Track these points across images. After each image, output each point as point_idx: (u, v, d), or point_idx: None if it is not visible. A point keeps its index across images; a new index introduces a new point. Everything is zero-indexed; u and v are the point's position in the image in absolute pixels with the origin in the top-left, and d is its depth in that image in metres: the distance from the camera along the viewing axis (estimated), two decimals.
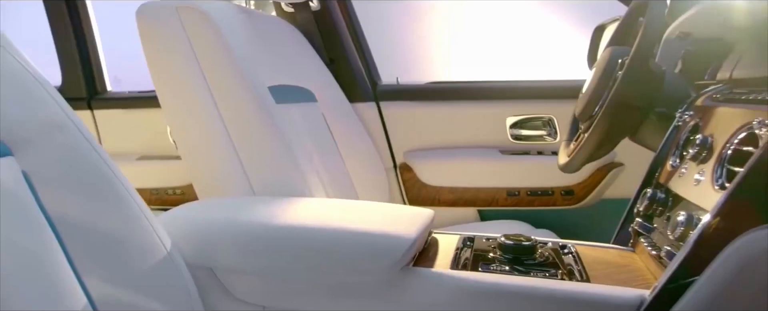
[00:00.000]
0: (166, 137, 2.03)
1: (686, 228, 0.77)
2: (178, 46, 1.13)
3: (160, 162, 2.02)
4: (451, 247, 0.93)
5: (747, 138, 0.74)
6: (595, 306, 0.76)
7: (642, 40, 0.99)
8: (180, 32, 1.13)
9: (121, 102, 2.11)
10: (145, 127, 2.07)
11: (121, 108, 2.11)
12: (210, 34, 1.13)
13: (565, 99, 1.68)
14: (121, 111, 2.11)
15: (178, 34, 1.13)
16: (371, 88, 1.79)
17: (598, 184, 1.70)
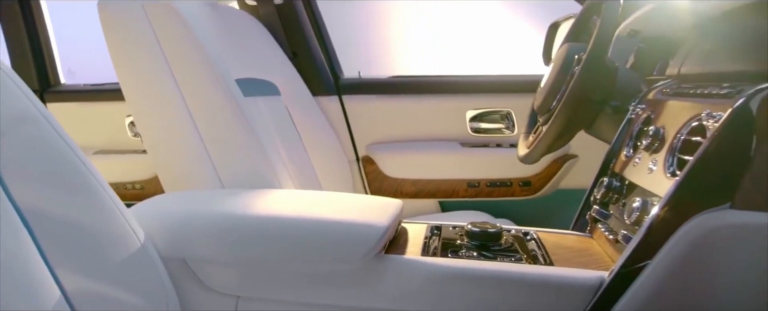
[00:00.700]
0: (124, 131, 1.99)
1: (641, 214, 0.82)
2: (143, 39, 1.13)
3: (119, 157, 1.99)
4: (420, 236, 0.96)
5: (696, 129, 0.79)
6: (558, 288, 0.80)
7: (598, 37, 1.04)
8: (145, 24, 1.12)
9: (76, 95, 2.06)
10: (102, 121, 2.03)
11: (75, 101, 2.06)
12: (176, 27, 1.12)
13: (522, 93, 1.74)
14: (76, 104, 2.06)
15: (143, 26, 1.12)
16: (334, 81, 1.81)
17: (554, 175, 1.77)
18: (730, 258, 0.73)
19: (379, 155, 1.81)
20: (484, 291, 0.82)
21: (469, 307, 0.83)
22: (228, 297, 0.90)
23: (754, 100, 0.69)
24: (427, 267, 0.83)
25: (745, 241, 0.70)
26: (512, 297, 0.81)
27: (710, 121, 0.75)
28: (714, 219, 0.71)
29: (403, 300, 0.84)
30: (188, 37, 1.11)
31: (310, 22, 1.77)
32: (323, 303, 0.88)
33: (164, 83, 1.14)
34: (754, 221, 0.68)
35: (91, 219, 0.75)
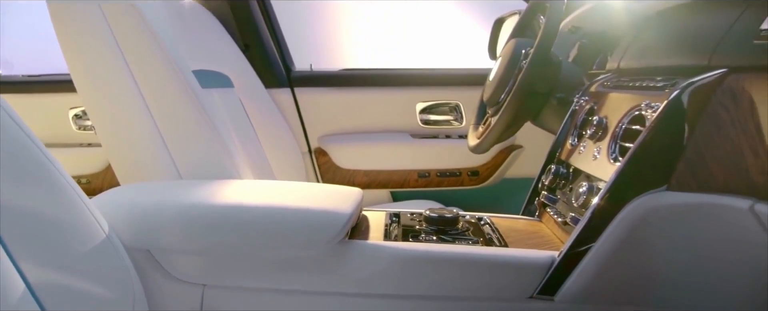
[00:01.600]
0: (67, 124, 1.94)
1: (588, 197, 0.89)
2: (96, 30, 1.11)
3: (63, 151, 1.93)
4: (380, 223, 1.00)
5: (635, 118, 0.86)
6: (513, 268, 0.86)
7: (544, 34, 1.10)
8: (99, 17, 1.10)
9: (14, 86, 1.99)
10: (43, 114, 1.96)
11: (13, 93, 1.98)
12: (131, 17, 1.11)
13: (470, 86, 1.80)
14: (14, 96, 1.98)
15: (97, 18, 1.10)
16: (286, 74, 1.82)
17: (501, 165, 1.84)
18: (667, 236, 0.80)
19: (332, 147, 1.84)
20: (445, 273, 0.86)
21: (431, 288, 0.87)
22: (194, 286, 0.91)
23: (686, 92, 0.77)
24: (390, 251, 0.87)
25: (680, 220, 0.77)
26: (471, 277, 0.86)
27: (649, 111, 0.82)
28: (653, 200, 0.78)
29: (367, 283, 0.88)
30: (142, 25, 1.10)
31: (262, 14, 1.77)
32: (290, 288, 0.90)
33: (118, 73, 1.12)
34: (688, 201, 0.75)
35: (55, 210, 0.75)
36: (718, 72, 0.74)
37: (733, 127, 0.69)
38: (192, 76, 1.17)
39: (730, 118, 0.70)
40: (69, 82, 1.15)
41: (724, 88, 0.72)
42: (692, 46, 0.86)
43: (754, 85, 0.67)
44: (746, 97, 0.67)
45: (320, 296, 0.90)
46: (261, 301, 0.91)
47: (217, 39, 1.61)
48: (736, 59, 0.73)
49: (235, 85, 1.55)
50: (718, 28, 0.79)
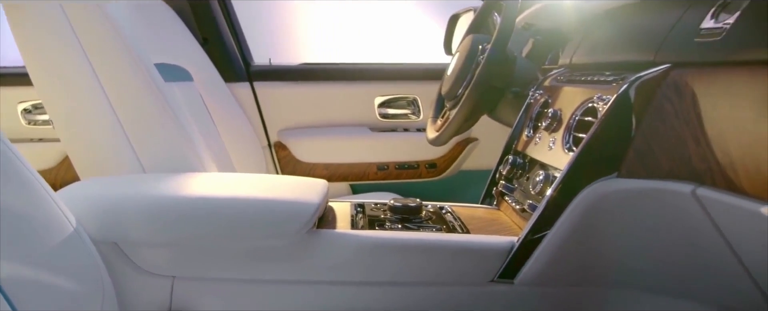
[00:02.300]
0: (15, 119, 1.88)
1: (544, 185, 0.94)
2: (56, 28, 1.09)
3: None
4: (346, 213, 1.03)
5: (588, 110, 0.92)
6: (475, 253, 0.90)
7: (500, 31, 1.15)
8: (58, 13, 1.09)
9: None
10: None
11: None
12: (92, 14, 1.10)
13: (427, 80, 1.85)
14: None
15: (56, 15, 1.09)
16: (245, 68, 1.82)
17: (458, 157, 1.90)
18: (618, 220, 0.86)
19: (291, 141, 1.85)
20: (411, 259, 0.90)
21: (398, 274, 0.91)
22: (163, 278, 0.92)
23: (634, 86, 0.82)
24: (357, 239, 0.90)
25: (629, 205, 0.83)
26: (436, 262, 0.90)
27: (600, 104, 0.88)
28: (604, 186, 0.83)
29: (336, 270, 0.91)
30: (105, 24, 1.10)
31: (220, 8, 1.77)
32: (259, 278, 0.92)
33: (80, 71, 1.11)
34: (636, 187, 0.80)
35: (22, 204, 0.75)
36: (662, 67, 0.79)
37: (677, 118, 0.75)
38: (154, 69, 1.17)
39: (674, 110, 0.75)
40: (16, 75, 1.14)
41: (668, 82, 0.78)
42: (639, 43, 0.92)
43: (696, 80, 0.72)
44: (688, 90, 0.73)
45: (289, 285, 0.92)
46: (230, 291, 0.92)
47: (175, 33, 1.60)
48: (679, 55, 0.79)
49: (195, 79, 1.55)
50: (662, 27, 0.85)
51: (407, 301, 0.92)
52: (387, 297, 0.92)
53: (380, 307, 0.92)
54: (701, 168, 0.71)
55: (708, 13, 0.75)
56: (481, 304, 0.93)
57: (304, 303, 0.92)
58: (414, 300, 0.92)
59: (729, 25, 0.69)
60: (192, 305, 0.92)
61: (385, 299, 0.92)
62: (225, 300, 0.92)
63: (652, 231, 0.83)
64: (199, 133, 1.40)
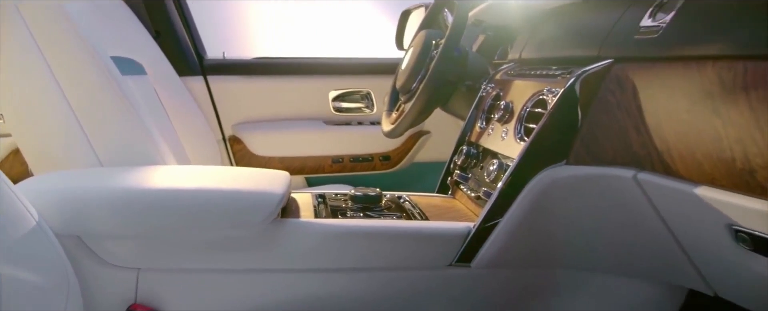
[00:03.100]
0: None
1: (498, 173, 0.99)
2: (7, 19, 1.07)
3: None
4: (309, 203, 1.06)
5: (538, 102, 0.97)
6: (434, 238, 0.95)
7: (454, 26, 1.20)
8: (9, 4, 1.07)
9: None
10: None
11: None
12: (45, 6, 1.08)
13: (380, 75, 1.89)
14: None
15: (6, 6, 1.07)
16: (198, 61, 1.81)
17: (411, 150, 1.95)
18: (567, 205, 0.92)
19: (246, 134, 1.86)
20: (375, 245, 0.94)
21: (362, 260, 0.95)
22: (128, 270, 0.92)
23: (579, 80, 0.88)
24: (321, 227, 0.93)
25: (577, 190, 0.89)
26: (399, 248, 0.94)
27: (550, 96, 0.94)
28: (554, 173, 0.89)
29: (302, 258, 0.93)
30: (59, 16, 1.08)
31: (172, 1, 1.75)
32: (225, 267, 0.94)
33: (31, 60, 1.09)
34: (583, 173, 0.86)
35: None
36: (605, 62, 0.86)
37: (619, 109, 0.81)
38: (111, 62, 1.16)
39: (617, 102, 0.82)
40: None
41: (611, 76, 0.84)
42: (583, 39, 0.99)
43: (636, 74, 0.78)
44: (630, 83, 0.79)
45: (256, 273, 0.94)
46: (197, 281, 0.94)
47: (127, 26, 1.58)
48: (621, 51, 0.85)
49: (148, 73, 1.53)
50: (605, 25, 0.91)
51: (371, 286, 0.95)
52: (351, 283, 0.95)
53: (345, 293, 0.95)
54: (641, 154, 0.77)
55: (646, 12, 0.81)
56: (440, 287, 0.98)
57: (270, 291, 0.94)
58: (377, 285, 0.96)
59: (665, 23, 0.75)
60: (158, 296, 0.93)
61: (350, 284, 0.95)
62: (191, 291, 0.93)
63: (598, 214, 0.90)
64: (155, 127, 1.39)
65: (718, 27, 0.68)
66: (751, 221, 0.64)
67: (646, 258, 0.93)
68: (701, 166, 0.67)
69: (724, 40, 0.66)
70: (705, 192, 0.68)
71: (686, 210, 0.74)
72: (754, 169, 0.60)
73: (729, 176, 0.64)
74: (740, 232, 0.67)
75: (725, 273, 0.81)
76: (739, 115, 0.61)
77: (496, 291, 1.01)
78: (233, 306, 0.94)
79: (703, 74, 0.66)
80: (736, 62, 0.62)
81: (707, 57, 0.66)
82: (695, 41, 0.71)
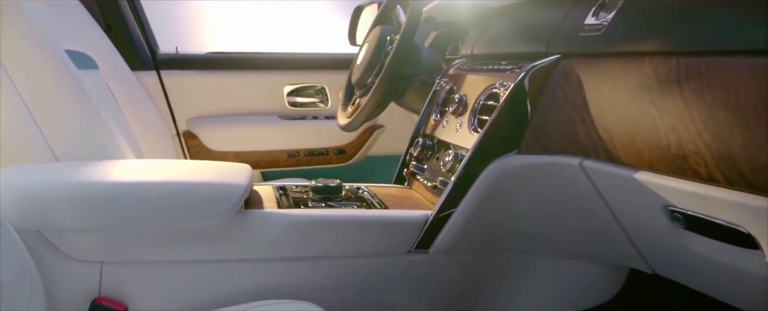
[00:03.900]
0: None
1: (454, 163, 1.04)
2: None
3: None
4: (271, 195, 1.08)
5: (491, 95, 1.03)
6: (394, 226, 0.99)
7: (408, 22, 1.24)
8: None
9: None
10: None
11: None
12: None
13: (334, 70, 1.92)
14: None
15: None
16: (151, 56, 1.79)
17: (365, 143, 1.99)
18: (518, 192, 0.97)
19: (201, 129, 1.85)
20: (337, 234, 0.97)
21: (325, 249, 0.98)
22: (92, 264, 0.92)
23: (529, 74, 0.94)
24: (285, 217, 0.96)
25: (528, 177, 0.95)
26: (360, 236, 0.98)
27: (501, 89, 0.99)
28: (506, 162, 0.95)
29: (266, 248, 0.96)
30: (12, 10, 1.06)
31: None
32: (190, 259, 0.95)
33: None
34: (533, 162, 0.92)
35: None
36: (553, 58, 0.91)
37: (566, 102, 0.87)
38: (65, 56, 1.15)
39: (564, 94, 0.87)
40: None
41: (558, 70, 0.90)
42: (532, 36, 1.04)
43: (582, 68, 0.84)
44: (575, 77, 0.85)
45: (220, 264, 0.96)
46: (162, 273, 0.95)
47: (77, 19, 1.55)
48: (567, 47, 0.91)
49: (100, 67, 1.51)
50: (552, 23, 0.97)
51: (333, 273, 0.99)
52: (315, 271, 0.98)
53: (308, 280, 0.98)
54: (587, 143, 0.83)
55: (590, 11, 0.87)
56: (400, 273, 1.02)
57: (234, 280, 0.96)
58: (340, 272, 0.99)
59: (607, 22, 0.82)
60: (122, 289, 0.93)
61: (313, 272, 0.98)
62: (156, 283, 0.94)
63: (547, 200, 0.96)
64: (110, 122, 1.37)
65: (655, 25, 0.74)
66: (685, 202, 0.71)
67: (591, 240, 0.99)
68: (640, 153, 0.74)
69: (660, 37, 0.72)
70: (644, 176, 0.74)
71: (627, 194, 0.80)
72: (686, 155, 0.67)
73: (665, 161, 0.70)
74: (675, 212, 0.73)
75: (662, 252, 0.88)
76: (674, 106, 0.67)
77: (453, 275, 1.06)
78: (198, 296, 0.95)
79: (642, 69, 0.72)
80: (670, 58, 0.68)
81: (645, 53, 0.73)
82: (634, 38, 0.77)
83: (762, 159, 0.58)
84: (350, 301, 1.00)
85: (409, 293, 1.04)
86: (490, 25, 1.28)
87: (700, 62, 0.64)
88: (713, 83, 0.62)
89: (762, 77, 0.57)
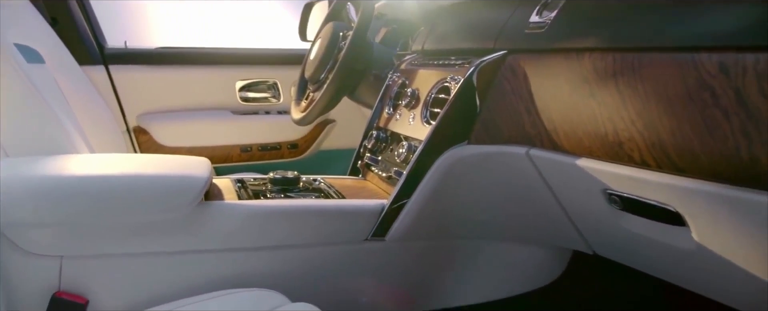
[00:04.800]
0: None
1: (408, 154, 1.09)
2: None
3: None
4: (230, 188, 1.10)
5: (442, 89, 1.08)
6: (352, 215, 1.03)
7: (361, 18, 1.28)
8: None
9: None
10: None
11: None
12: None
13: (286, 65, 1.94)
14: None
15: None
16: (99, 50, 1.76)
17: (317, 138, 2.01)
18: (469, 181, 1.03)
19: (152, 125, 1.84)
20: (297, 223, 1.00)
21: (285, 238, 1.01)
22: (51, 259, 0.92)
23: (478, 68, 0.99)
24: (246, 208, 0.98)
25: (478, 167, 1.00)
26: (320, 224, 1.01)
27: (452, 83, 1.04)
28: (458, 152, 1.00)
29: (227, 239, 0.98)
30: None
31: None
32: (151, 251, 0.96)
33: None
34: (483, 151, 0.98)
35: None
36: (500, 53, 0.97)
37: (513, 94, 0.93)
38: (15, 49, 1.13)
39: (511, 88, 0.93)
40: None
41: (505, 65, 0.95)
42: (481, 33, 1.10)
43: (527, 63, 0.90)
44: (521, 71, 0.91)
45: (182, 255, 0.97)
46: (123, 266, 0.95)
47: (22, 12, 1.51)
48: (513, 44, 0.96)
49: (47, 62, 1.48)
50: (499, 20, 1.03)
51: (294, 262, 1.02)
52: (275, 260, 1.01)
53: (269, 269, 1.01)
54: (532, 133, 0.89)
55: (534, 9, 0.93)
56: (358, 260, 1.06)
57: (196, 271, 0.98)
58: (300, 261, 1.02)
59: (550, 20, 0.88)
60: (83, 283, 0.93)
61: (274, 261, 1.01)
62: (117, 276, 0.95)
63: (496, 188, 1.02)
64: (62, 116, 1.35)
65: (593, 24, 0.81)
66: (621, 185, 0.77)
67: (538, 225, 1.06)
68: (581, 141, 0.80)
69: (598, 35, 0.78)
70: (584, 163, 0.80)
71: (569, 179, 0.87)
72: (622, 142, 0.73)
73: (603, 148, 0.77)
74: (613, 195, 0.80)
75: (601, 233, 0.95)
76: (610, 97, 0.74)
77: (408, 261, 1.11)
78: (160, 288, 0.96)
79: (582, 63, 0.78)
80: (607, 53, 0.74)
81: (584, 49, 0.79)
82: (574, 36, 0.83)
83: (687, 144, 0.65)
84: (311, 288, 1.03)
85: (367, 279, 1.08)
86: (439, 22, 1.33)
87: (634, 58, 0.70)
88: (645, 77, 0.69)
89: (686, 71, 0.64)
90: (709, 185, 0.65)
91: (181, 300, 0.91)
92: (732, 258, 0.71)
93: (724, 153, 0.61)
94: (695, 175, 0.66)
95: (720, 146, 0.62)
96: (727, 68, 0.59)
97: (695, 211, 0.70)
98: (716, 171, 0.63)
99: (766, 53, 0.56)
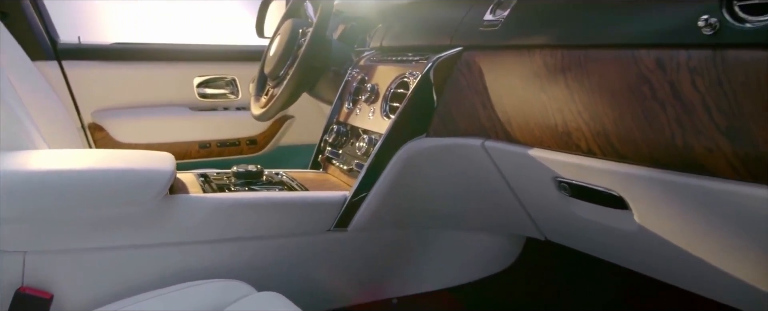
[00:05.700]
0: None
1: (368, 147, 1.12)
2: None
3: None
4: (193, 182, 1.11)
5: (401, 84, 1.12)
6: (315, 207, 1.06)
7: (321, 15, 1.30)
8: None
9: None
10: None
11: None
12: None
13: (244, 61, 1.94)
14: None
15: None
16: (52, 46, 1.73)
17: (276, 133, 2.03)
18: (427, 172, 1.07)
19: (108, 122, 1.81)
20: (261, 215, 1.02)
21: (250, 230, 1.03)
22: (13, 254, 0.91)
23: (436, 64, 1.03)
24: (211, 201, 1.00)
25: (435, 159, 1.04)
26: (283, 216, 1.04)
27: (411, 79, 1.08)
28: (417, 145, 1.04)
29: (193, 231, 0.99)
30: None
31: None
32: (116, 245, 0.97)
33: None
34: (441, 144, 1.02)
35: None
36: (456, 50, 1.01)
37: (469, 89, 0.97)
38: None
39: (467, 82, 0.98)
40: None
41: (461, 61, 1.00)
42: (437, 30, 1.14)
43: (482, 59, 0.95)
44: (476, 67, 0.95)
45: (148, 248, 0.98)
46: (87, 260, 0.96)
47: None
48: (469, 40, 1.01)
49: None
50: (455, 18, 1.07)
51: (258, 253, 1.04)
52: (240, 251, 1.03)
53: (234, 260, 1.03)
54: (487, 125, 0.94)
55: (488, 8, 0.98)
56: (322, 250, 1.09)
57: (162, 264, 0.99)
58: (264, 252, 1.04)
59: (503, 18, 0.93)
60: (47, 278, 0.93)
61: (239, 253, 1.03)
62: (82, 270, 0.95)
63: (453, 179, 1.06)
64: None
65: (543, 23, 0.86)
66: (569, 172, 0.83)
67: (493, 213, 1.11)
68: (533, 132, 0.85)
69: (548, 33, 0.84)
70: (536, 152, 0.86)
71: (522, 169, 0.92)
72: (570, 132, 0.79)
73: (553, 138, 0.82)
74: (562, 182, 0.86)
75: (552, 220, 1.01)
76: (559, 91, 0.79)
77: (370, 251, 1.15)
78: (126, 281, 0.97)
79: (533, 60, 0.83)
80: (556, 50, 0.80)
81: (535, 46, 0.84)
82: (526, 34, 0.88)
83: (629, 133, 0.71)
84: (276, 278, 1.06)
85: (331, 268, 1.11)
86: (397, 19, 1.37)
87: (581, 54, 0.76)
88: (590, 71, 0.74)
89: (627, 66, 0.69)
90: (648, 170, 0.71)
91: (148, 292, 0.92)
92: (670, 238, 0.78)
93: (662, 141, 0.67)
94: (636, 162, 0.72)
95: (658, 135, 0.67)
96: (664, 64, 0.65)
97: (636, 195, 0.76)
98: (655, 158, 0.69)
99: (696, 50, 0.62)
